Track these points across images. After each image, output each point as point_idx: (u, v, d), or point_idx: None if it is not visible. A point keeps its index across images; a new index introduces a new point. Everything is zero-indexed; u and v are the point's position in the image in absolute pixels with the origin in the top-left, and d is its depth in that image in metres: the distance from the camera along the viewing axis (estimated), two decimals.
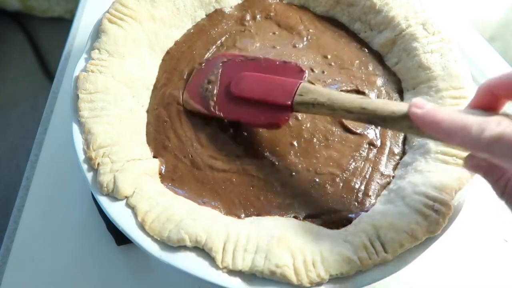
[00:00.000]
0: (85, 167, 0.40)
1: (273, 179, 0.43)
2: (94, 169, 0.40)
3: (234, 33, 0.53)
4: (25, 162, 0.53)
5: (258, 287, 0.35)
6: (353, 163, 0.44)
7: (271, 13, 0.55)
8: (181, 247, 0.36)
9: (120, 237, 0.45)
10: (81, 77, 0.43)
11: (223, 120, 0.45)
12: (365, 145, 0.45)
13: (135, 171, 0.40)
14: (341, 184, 0.43)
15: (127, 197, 0.39)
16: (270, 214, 0.41)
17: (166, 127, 0.46)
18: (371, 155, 0.44)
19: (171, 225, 0.37)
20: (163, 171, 0.43)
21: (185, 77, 0.49)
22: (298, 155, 0.44)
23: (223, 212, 0.41)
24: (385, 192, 0.42)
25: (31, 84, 1.35)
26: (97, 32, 0.47)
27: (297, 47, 0.52)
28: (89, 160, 0.40)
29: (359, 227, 0.38)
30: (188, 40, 0.53)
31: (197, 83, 0.47)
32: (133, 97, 0.46)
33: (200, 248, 0.36)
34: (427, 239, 0.36)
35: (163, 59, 0.52)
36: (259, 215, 0.41)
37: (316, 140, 0.45)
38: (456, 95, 0.44)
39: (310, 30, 0.54)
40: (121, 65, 0.46)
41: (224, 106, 0.44)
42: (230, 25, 0.54)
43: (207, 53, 0.51)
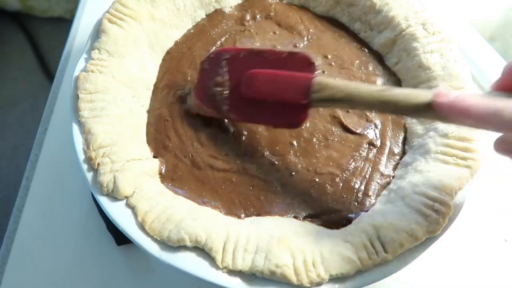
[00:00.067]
0: (85, 167, 0.40)
1: (273, 179, 0.43)
2: (94, 169, 0.40)
3: (234, 33, 0.53)
4: (25, 162, 0.53)
5: (258, 287, 0.35)
6: (353, 163, 0.44)
7: (271, 13, 0.55)
8: (181, 247, 0.36)
9: (120, 237, 0.45)
10: (81, 77, 0.43)
11: (224, 119, 0.45)
12: (365, 145, 0.45)
13: (135, 171, 0.40)
14: (341, 184, 0.43)
15: (127, 197, 0.39)
16: (270, 214, 0.41)
17: (167, 127, 0.46)
18: (371, 155, 0.44)
19: (171, 225, 0.37)
20: (163, 171, 0.43)
21: (189, 78, 0.49)
22: (298, 155, 0.44)
23: (223, 212, 0.41)
24: (385, 192, 0.42)
25: (31, 84, 1.35)
26: (97, 32, 0.47)
27: (297, 47, 0.52)
28: (89, 160, 0.40)
29: (359, 227, 0.38)
30: (188, 41, 0.53)
31: (204, 85, 0.45)
32: (133, 97, 0.46)
33: (200, 248, 0.36)
34: (427, 239, 0.36)
35: (163, 59, 0.52)
36: (259, 215, 0.41)
37: (316, 140, 0.45)
38: None
39: (310, 30, 0.54)
40: (121, 65, 0.46)
41: (239, 109, 0.43)
42: (230, 25, 0.54)
43: (207, 53, 0.51)
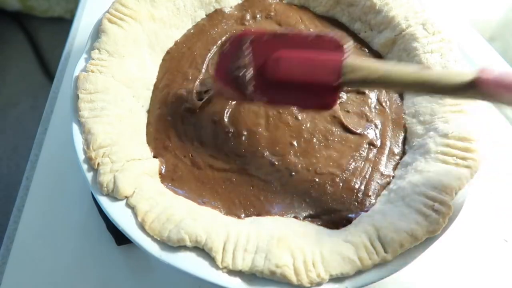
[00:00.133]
0: (85, 167, 0.40)
1: (273, 179, 0.43)
2: (94, 169, 0.40)
3: (235, 33, 0.53)
4: (25, 162, 0.53)
5: (258, 287, 0.35)
6: (353, 163, 0.44)
7: (271, 13, 0.55)
8: (181, 247, 0.36)
9: (120, 237, 0.45)
10: (81, 77, 0.43)
11: (223, 119, 0.45)
12: (365, 145, 0.45)
13: (135, 171, 0.40)
14: (341, 184, 0.43)
15: (127, 197, 0.39)
16: (270, 214, 0.41)
17: (167, 126, 0.46)
18: (371, 155, 0.44)
19: (171, 225, 0.37)
20: (163, 171, 0.43)
21: (190, 78, 0.49)
22: (298, 155, 0.44)
23: (223, 212, 0.41)
24: (385, 192, 0.42)
25: (31, 84, 1.35)
26: (97, 32, 0.47)
27: None
28: (89, 160, 0.40)
29: (359, 227, 0.38)
30: (188, 41, 0.53)
31: (225, 68, 0.43)
32: (133, 97, 0.46)
33: (200, 248, 0.36)
34: (427, 239, 0.36)
35: (163, 59, 0.52)
36: (259, 215, 0.41)
37: (316, 140, 0.45)
38: None
39: (311, 30, 0.54)
40: (121, 65, 0.46)
41: (265, 92, 0.41)
42: (230, 24, 0.54)
43: (208, 53, 0.51)
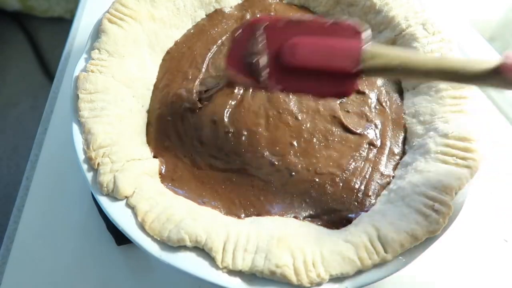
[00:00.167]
0: (85, 167, 0.40)
1: (273, 179, 0.43)
2: (94, 169, 0.40)
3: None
4: (25, 162, 0.53)
5: (258, 287, 0.35)
6: (353, 163, 0.44)
7: (271, 13, 0.55)
8: (181, 247, 0.36)
9: (120, 237, 0.45)
10: (81, 77, 0.43)
11: (223, 119, 0.45)
12: (365, 145, 0.45)
13: (135, 171, 0.40)
14: (341, 184, 0.43)
15: (127, 197, 0.39)
16: (270, 214, 0.41)
17: (167, 126, 0.46)
18: (371, 155, 0.44)
19: (171, 225, 0.37)
20: (163, 171, 0.43)
21: (189, 77, 0.49)
22: (298, 155, 0.44)
23: (223, 212, 0.41)
24: (385, 192, 0.42)
25: (31, 84, 1.35)
26: (97, 32, 0.47)
27: None
28: (89, 160, 0.40)
29: (359, 227, 0.38)
30: (188, 40, 0.53)
31: (238, 54, 0.42)
32: (133, 97, 0.46)
33: (200, 248, 0.36)
34: (427, 239, 0.36)
35: (163, 59, 0.52)
36: (259, 215, 0.41)
37: (316, 140, 0.45)
38: (456, 95, 0.44)
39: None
40: (121, 65, 0.46)
41: (280, 79, 0.40)
42: (230, 24, 0.54)
43: (208, 53, 0.51)
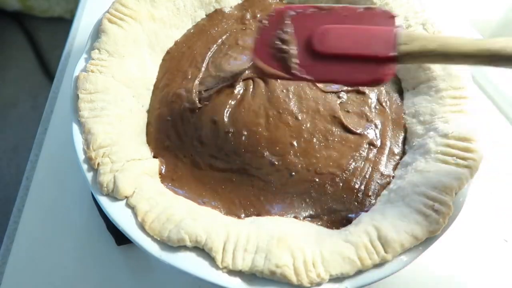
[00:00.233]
0: (85, 167, 0.40)
1: (273, 179, 0.43)
2: (94, 169, 0.40)
3: (235, 31, 0.53)
4: (25, 162, 0.53)
5: (258, 287, 0.35)
6: (353, 163, 0.44)
7: (272, 13, 0.55)
8: (181, 247, 0.36)
9: (120, 237, 0.45)
10: (81, 77, 0.44)
11: (223, 118, 0.45)
12: (365, 145, 0.45)
13: (135, 171, 0.40)
14: (341, 184, 0.43)
15: (127, 197, 0.39)
16: (270, 214, 0.41)
17: (167, 126, 0.46)
18: (371, 155, 0.44)
19: (171, 225, 0.37)
20: (163, 171, 0.43)
21: (189, 77, 0.49)
22: (298, 155, 0.44)
23: (223, 212, 0.41)
24: (385, 192, 0.42)
25: (31, 84, 1.35)
26: (97, 32, 0.47)
27: None
28: (89, 160, 0.40)
29: (359, 227, 0.38)
30: (188, 40, 0.53)
31: (265, 43, 0.41)
32: (133, 97, 0.46)
33: (200, 248, 0.36)
34: (427, 239, 0.36)
35: (163, 59, 0.52)
36: (259, 215, 0.41)
37: (316, 140, 0.45)
38: (456, 95, 0.44)
39: None
40: (121, 65, 0.46)
41: (311, 67, 0.39)
42: (230, 24, 0.54)
43: (208, 52, 0.51)
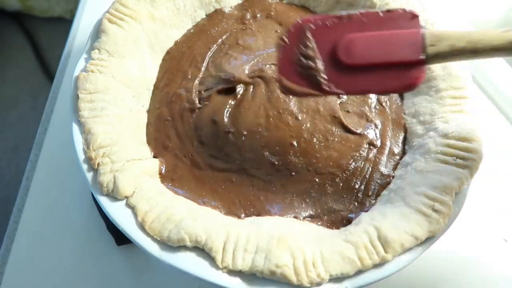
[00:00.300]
0: (85, 167, 0.40)
1: (273, 179, 0.43)
2: (94, 169, 0.40)
3: (235, 31, 0.53)
4: (25, 162, 0.53)
5: (258, 287, 0.35)
6: (353, 163, 0.44)
7: (272, 13, 0.55)
8: (181, 247, 0.36)
9: (120, 237, 0.45)
10: (81, 77, 0.44)
11: (223, 118, 0.45)
12: (365, 145, 0.45)
13: (135, 171, 0.40)
14: (341, 184, 0.43)
15: (127, 197, 0.39)
16: (270, 214, 0.41)
17: (167, 126, 0.46)
18: (371, 155, 0.44)
19: (171, 225, 0.37)
20: (163, 171, 0.43)
21: (189, 77, 0.49)
22: (298, 155, 0.44)
23: (223, 212, 0.41)
24: (385, 192, 0.42)
25: (31, 84, 1.35)
26: (97, 32, 0.47)
27: None
28: (89, 160, 0.40)
29: (359, 227, 0.38)
30: (188, 40, 0.53)
31: (289, 61, 0.40)
32: (133, 97, 0.46)
33: (200, 248, 0.36)
34: (427, 239, 0.36)
35: (163, 59, 0.52)
36: (259, 215, 0.41)
37: (316, 140, 0.45)
38: (456, 95, 0.44)
39: None
40: (121, 65, 0.46)
41: (340, 80, 0.38)
42: (230, 24, 0.54)
43: (208, 51, 0.51)
